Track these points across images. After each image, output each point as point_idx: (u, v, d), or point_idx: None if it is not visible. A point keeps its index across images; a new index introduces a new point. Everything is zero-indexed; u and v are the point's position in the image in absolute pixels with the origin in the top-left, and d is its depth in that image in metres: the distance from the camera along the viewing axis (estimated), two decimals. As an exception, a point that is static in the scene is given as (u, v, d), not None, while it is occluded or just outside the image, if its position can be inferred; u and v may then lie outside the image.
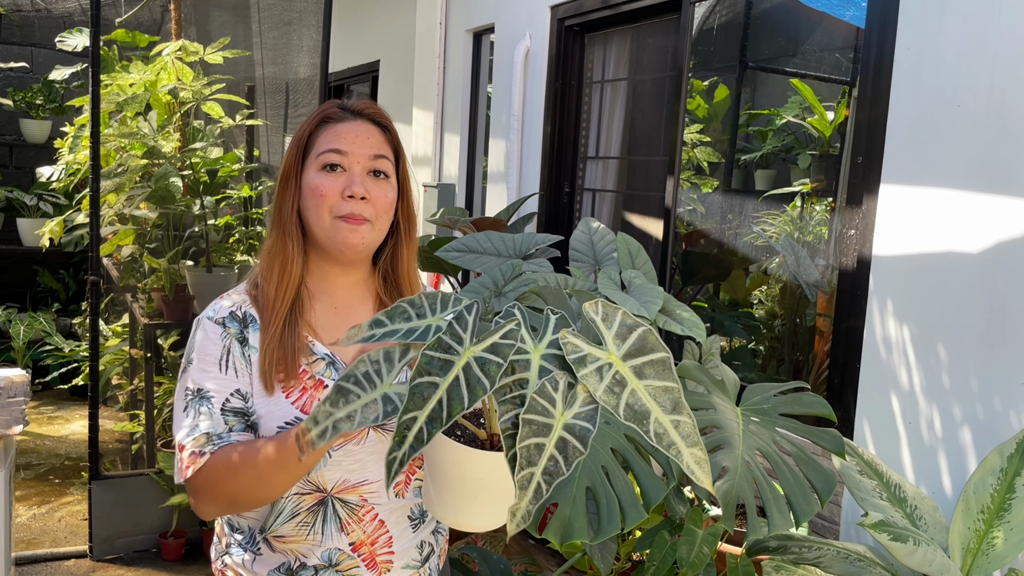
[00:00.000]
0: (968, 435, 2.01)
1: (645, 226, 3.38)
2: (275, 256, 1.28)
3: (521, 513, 0.87)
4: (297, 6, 4.05)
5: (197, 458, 1.18)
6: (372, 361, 0.93)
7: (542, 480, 0.85)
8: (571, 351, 0.89)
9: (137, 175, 3.36)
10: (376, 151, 1.29)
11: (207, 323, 1.26)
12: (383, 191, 1.29)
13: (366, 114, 1.31)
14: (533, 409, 0.86)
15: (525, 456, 0.85)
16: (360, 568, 1.27)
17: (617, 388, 0.88)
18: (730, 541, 2.16)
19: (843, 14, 2.70)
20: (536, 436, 0.86)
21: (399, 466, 0.86)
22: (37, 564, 3.19)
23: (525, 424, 0.86)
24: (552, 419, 0.86)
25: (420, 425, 0.86)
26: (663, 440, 0.87)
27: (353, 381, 0.92)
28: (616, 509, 1.32)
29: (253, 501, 1.20)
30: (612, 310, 0.92)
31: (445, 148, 4.66)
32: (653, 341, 0.90)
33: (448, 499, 1.03)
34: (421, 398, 0.86)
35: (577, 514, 1.32)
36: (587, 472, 1.36)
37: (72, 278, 5.82)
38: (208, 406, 1.20)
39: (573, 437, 0.86)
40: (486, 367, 0.88)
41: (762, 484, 1.48)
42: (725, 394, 1.69)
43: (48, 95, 5.56)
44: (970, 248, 2.01)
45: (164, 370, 3.67)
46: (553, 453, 0.85)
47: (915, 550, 1.51)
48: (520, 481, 0.86)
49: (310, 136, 1.29)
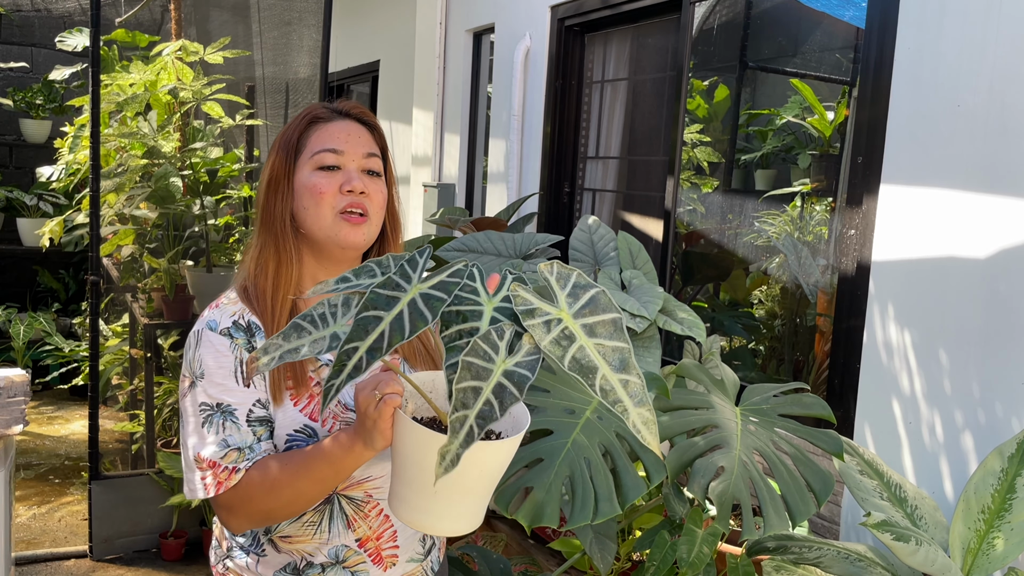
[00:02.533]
0: (968, 436, 2.01)
1: (645, 226, 3.38)
2: (268, 261, 1.27)
3: (450, 456, 0.86)
4: (297, 6, 4.05)
5: (232, 474, 1.17)
6: (330, 304, 0.97)
7: (475, 423, 0.85)
8: (520, 303, 0.90)
9: (137, 175, 3.36)
10: (368, 150, 1.29)
11: (211, 335, 1.22)
12: (378, 187, 1.29)
13: (353, 114, 1.32)
14: (475, 352, 0.87)
15: (460, 399, 0.86)
16: (367, 563, 1.27)
17: (564, 342, 0.88)
18: (730, 541, 2.15)
19: (843, 14, 2.70)
20: (474, 380, 0.86)
21: (335, 393, 0.89)
22: (37, 564, 3.19)
23: (464, 367, 0.86)
24: (493, 364, 0.87)
25: (360, 355, 0.88)
26: (609, 396, 0.87)
27: (309, 320, 0.96)
28: (591, 501, 1.33)
29: (288, 514, 1.19)
30: (567, 271, 0.94)
31: (445, 148, 4.66)
32: (605, 302, 0.91)
33: (407, 494, 1.00)
34: (364, 330, 0.89)
35: (550, 499, 1.33)
36: (568, 462, 1.37)
37: (72, 278, 5.82)
38: (233, 420, 1.19)
39: (511, 384, 0.87)
40: (430, 302, 0.90)
41: (759, 484, 1.48)
42: (724, 394, 1.69)
43: (48, 95, 5.56)
44: (970, 248, 2.01)
45: (164, 370, 3.67)
46: (489, 398, 0.86)
47: (917, 550, 1.51)
48: (453, 423, 0.86)
49: (300, 137, 1.29)
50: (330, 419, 1.23)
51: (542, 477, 1.35)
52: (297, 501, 1.17)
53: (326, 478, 1.15)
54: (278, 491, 1.16)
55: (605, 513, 1.31)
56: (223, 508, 1.20)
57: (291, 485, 1.16)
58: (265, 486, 1.16)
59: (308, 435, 1.22)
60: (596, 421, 1.43)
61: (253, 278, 1.28)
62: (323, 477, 1.14)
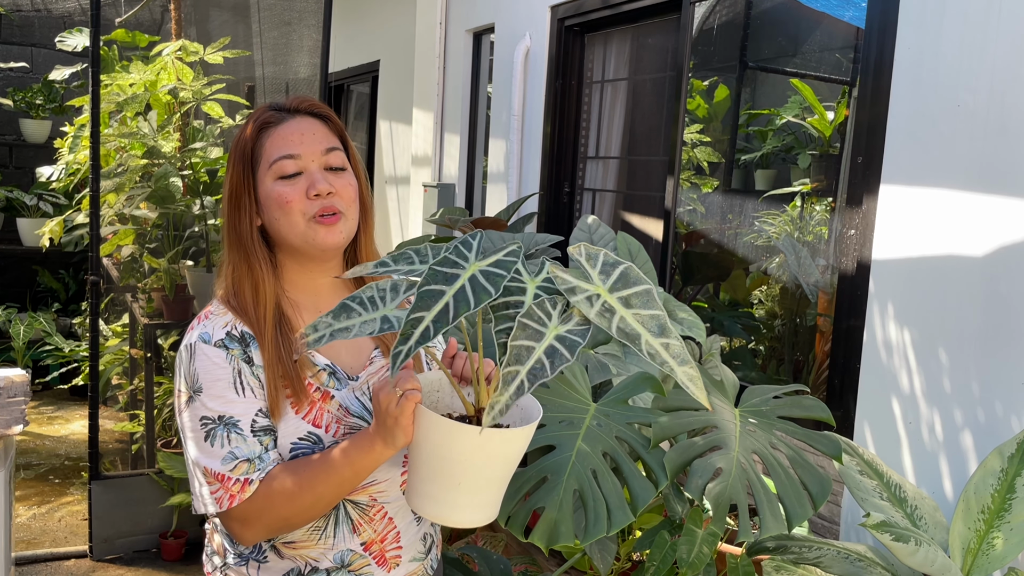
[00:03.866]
0: (968, 436, 2.01)
1: (645, 226, 3.38)
2: (242, 279, 1.23)
3: (500, 406, 0.92)
4: (297, 6, 4.05)
5: (245, 487, 1.16)
6: (379, 288, 1.01)
7: (526, 378, 0.91)
8: (561, 283, 0.97)
9: (137, 175, 3.36)
10: (326, 144, 1.25)
11: (205, 347, 1.19)
12: (345, 182, 1.25)
13: (303, 109, 1.27)
14: (530, 316, 0.94)
15: (515, 354, 0.92)
16: (372, 566, 1.27)
17: (607, 314, 0.95)
18: (730, 541, 2.15)
19: (843, 14, 2.70)
20: (529, 339, 0.93)
21: (403, 359, 0.92)
22: (37, 564, 3.19)
23: (521, 327, 0.93)
24: (546, 328, 0.94)
25: (427, 324, 0.92)
26: (656, 359, 0.93)
27: (358, 302, 1.00)
28: (604, 511, 1.32)
29: (307, 520, 1.18)
30: (595, 251, 1.00)
31: (445, 148, 4.66)
32: (635, 275, 0.98)
33: (430, 489, 1.02)
34: (429, 300, 0.94)
35: (564, 517, 1.32)
36: (575, 475, 1.36)
37: (72, 278, 5.82)
38: (238, 431, 1.17)
39: (563, 346, 0.93)
40: (491, 277, 0.95)
41: (756, 486, 1.48)
42: (724, 395, 1.69)
43: (48, 95, 5.56)
44: (970, 247, 2.01)
45: (164, 370, 3.67)
46: (541, 357, 0.92)
47: (917, 550, 1.51)
48: (505, 376, 0.91)
49: (254, 147, 1.25)
50: (334, 424, 1.23)
51: (551, 495, 1.34)
52: (316, 506, 1.16)
53: (345, 480, 1.14)
54: (297, 498, 1.15)
55: (619, 522, 1.30)
56: (236, 521, 1.18)
57: (311, 490, 1.15)
58: (285, 494, 1.15)
59: (313, 442, 1.21)
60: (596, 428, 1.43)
61: (232, 294, 1.25)
62: (342, 480, 1.14)
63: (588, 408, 1.49)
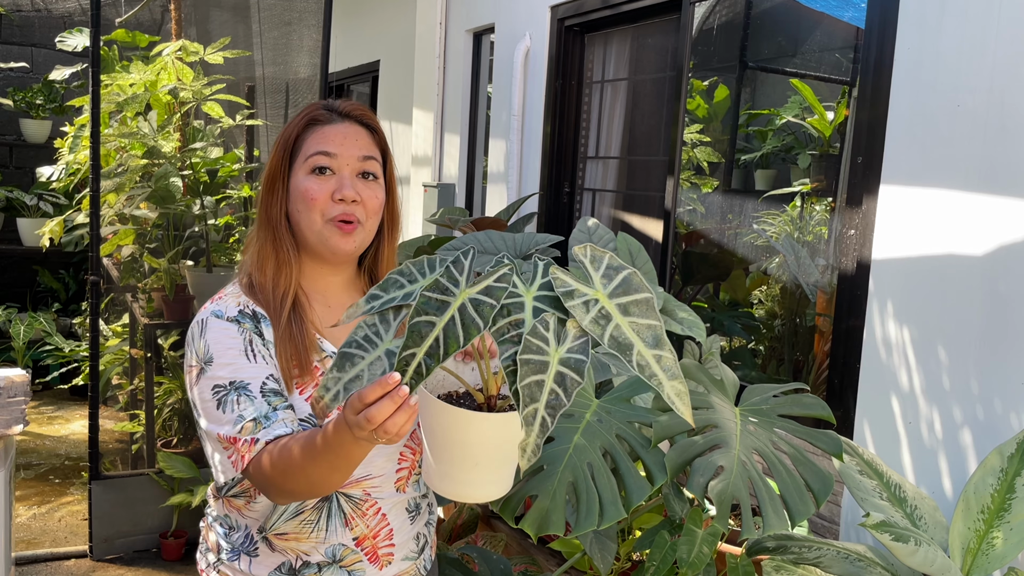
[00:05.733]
0: (968, 435, 2.01)
1: (645, 226, 3.38)
2: (267, 259, 1.28)
3: (531, 448, 0.92)
4: (297, 6, 4.05)
5: (251, 445, 1.15)
6: (369, 325, 1.00)
7: (546, 414, 0.90)
8: (560, 285, 0.95)
9: (137, 175, 3.36)
10: (365, 153, 1.29)
11: (217, 321, 1.22)
12: (373, 192, 1.29)
13: (353, 115, 1.30)
14: (529, 349, 0.92)
15: (527, 394, 0.90)
16: (363, 562, 1.27)
17: (603, 321, 0.93)
18: (730, 541, 2.15)
19: (843, 14, 2.70)
20: (535, 374, 0.91)
21: None
22: (37, 564, 3.19)
23: (523, 364, 0.91)
24: (547, 356, 0.92)
25: (419, 360, 0.92)
26: (645, 371, 0.92)
27: (355, 346, 0.99)
28: (596, 505, 1.33)
29: (331, 485, 1.13)
30: (600, 254, 0.98)
31: (445, 148, 4.66)
32: (638, 282, 0.96)
33: (450, 471, 1.03)
34: (419, 335, 0.93)
35: (555, 507, 1.33)
36: (571, 467, 1.37)
37: (72, 278, 5.82)
38: (247, 393, 1.18)
39: (569, 370, 0.91)
40: (480, 308, 0.93)
41: (758, 484, 1.48)
42: (724, 394, 1.69)
43: (48, 95, 5.56)
44: (970, 248, 2.01)
45: (164, 370, 3.67)
46: (553, 387, 0.91)
47: (916, 550, 1.51)
48: (526, 417, 0.90)
49: (297, 138, 1.29)
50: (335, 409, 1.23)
51: (545, 484, 1.35)
52: (332, 472, 1.09)
53: (329, 456, 1.07)
54: (307, 467, 1.09)
55: (611, 517, 1.31)
56: (257, 480, 1.16)
57: (313, 460, 1.08)
58: (290, 464, 1.10)
59: (315, 424, 1.21)
60: (596, 424, 1.43)
61: (254, 274, 1.28)
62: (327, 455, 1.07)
63: (590, 403, 1.49)
